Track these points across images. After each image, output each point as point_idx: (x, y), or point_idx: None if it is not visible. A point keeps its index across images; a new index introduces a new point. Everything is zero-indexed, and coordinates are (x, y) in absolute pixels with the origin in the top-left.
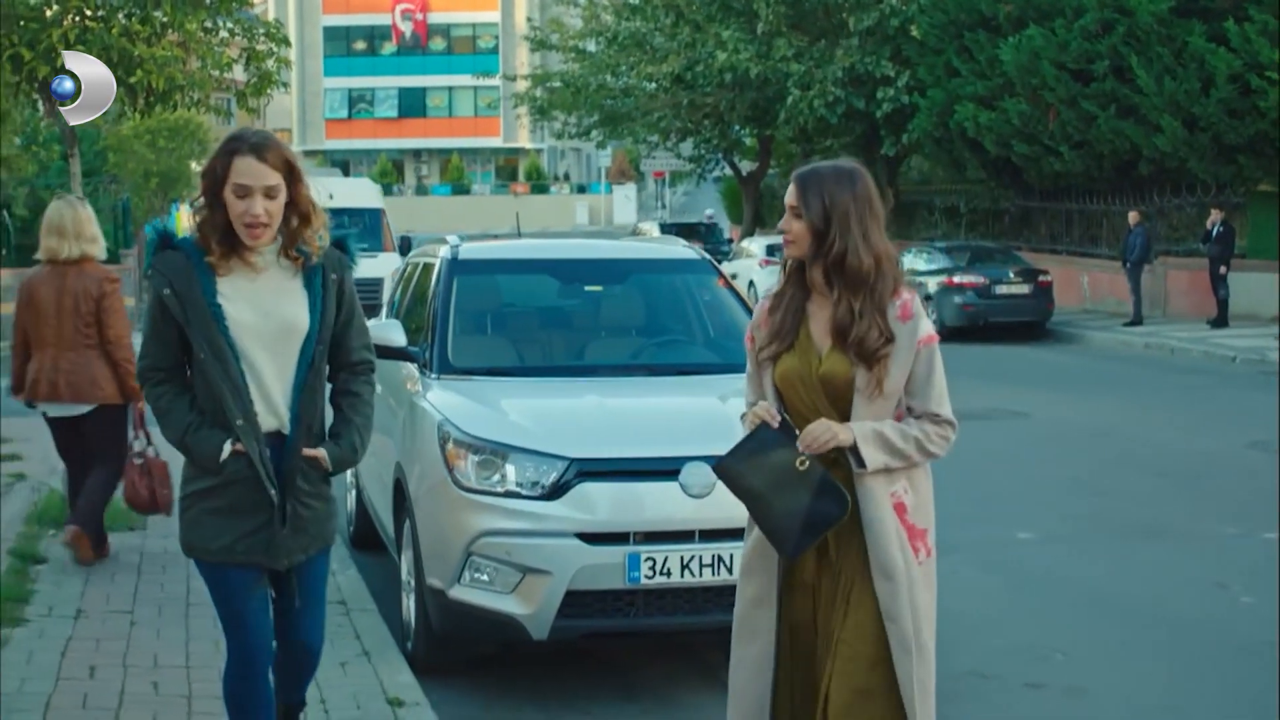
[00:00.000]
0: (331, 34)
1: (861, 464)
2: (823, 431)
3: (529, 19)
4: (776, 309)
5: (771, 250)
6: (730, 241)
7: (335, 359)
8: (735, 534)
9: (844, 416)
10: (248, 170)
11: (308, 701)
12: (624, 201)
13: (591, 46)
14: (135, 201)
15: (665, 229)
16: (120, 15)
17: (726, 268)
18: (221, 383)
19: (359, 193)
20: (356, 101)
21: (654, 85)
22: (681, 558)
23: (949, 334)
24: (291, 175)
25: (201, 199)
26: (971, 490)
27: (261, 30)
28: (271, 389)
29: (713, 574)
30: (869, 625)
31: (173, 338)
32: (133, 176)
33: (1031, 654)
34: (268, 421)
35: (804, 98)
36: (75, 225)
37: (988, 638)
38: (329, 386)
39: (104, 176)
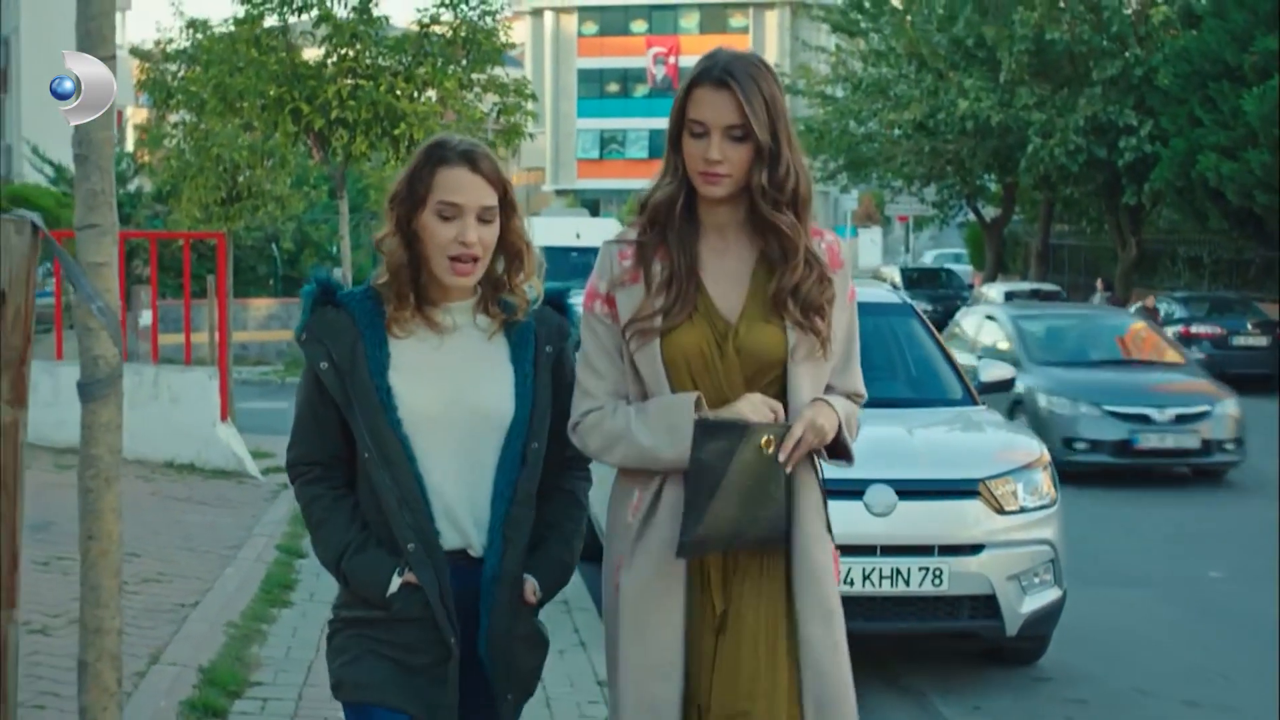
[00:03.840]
0: (585, 76)
1: (848, 457)
2: (811, 437)
3: (776, 64)
4: (649, 259)
5: (1009, 297)
6: (970, 287)
7: (547, 451)
8: (911, 550)
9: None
10: (459, 184)
11: None
12: (870, 245)
13: (838, 92)
14: None
15: (906, 274)
16: (387, 74)
17: (964, 314)
18: (388, 492)
19: (607, 233)
20: (608, 142)
21: (897, 132)
22: (863, 569)
23: None
24: (505, 198)
25: (386, 231)
26: (1164, 527)
27: (511, 86)
28: (457, 500)
29: (890, 585)
30: (790, 687)
31: (332, 423)
32: None
33: (1195, 676)
34: (450, 538)
35: (1045, 146)
36: None
37: (1155, 660)
38: None
39: (365, 213)
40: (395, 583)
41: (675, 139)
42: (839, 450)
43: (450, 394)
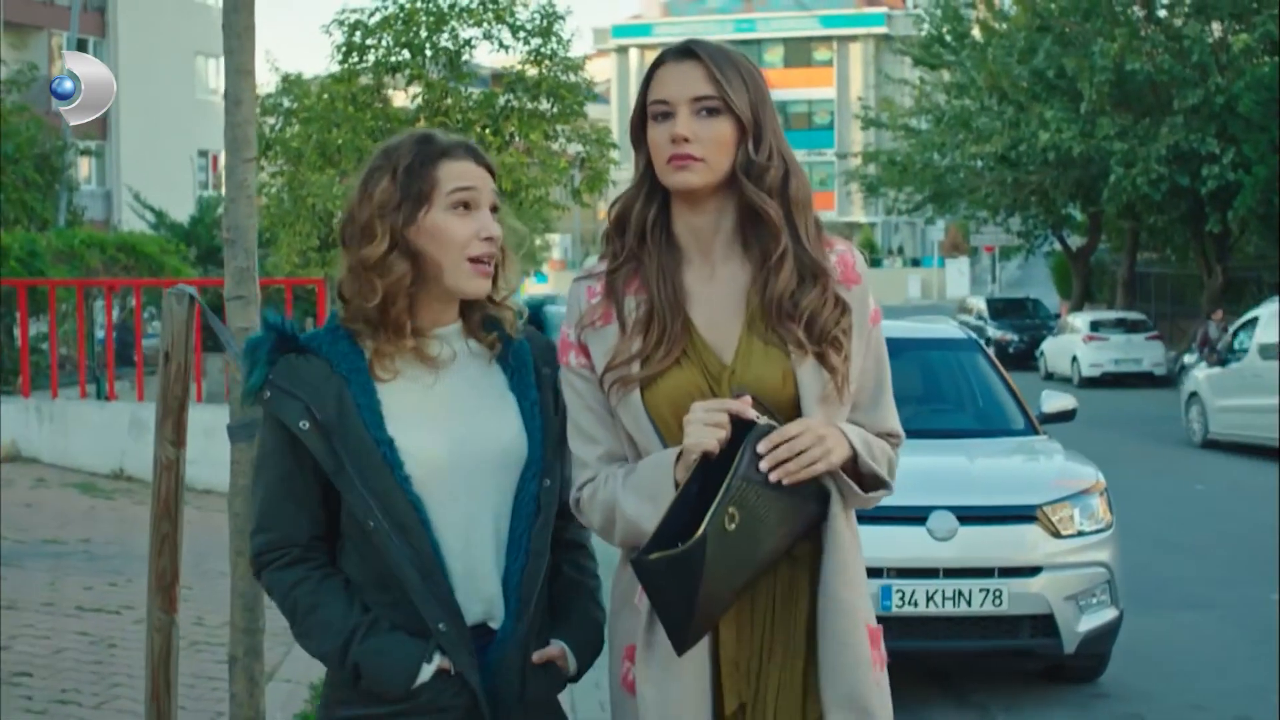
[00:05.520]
0: None
1: (882, 486)
2: (811, 442)
3: (859, 98)
4: (619, 294)
5: (1095, 325)
6: (1056, 317)
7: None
8: (973, 572)
9: None
10: (469, 172)
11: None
12: (957, 276)
13: (922, 125)
14: None
15: (991, 304)
16: (477, 127)
17: (1050, 343)
18: (408, 566)
19: None
20: None
21: (980, 163)
22: (927, 591)
23: None
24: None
25: (377, 250)
26: (1239, 550)
27: (594, 136)
28: (477, 562)
29: (953, 606)
30: None
31: (313, 496)
32: None
33: (1250, 694)
34: (472, 612)
35: (1127, 175)
36: None
37: (1212, 679)
38: None
39: None
40: (427, 671)
41: (639, 135)
42: (869, 482)
43: (457, 438)
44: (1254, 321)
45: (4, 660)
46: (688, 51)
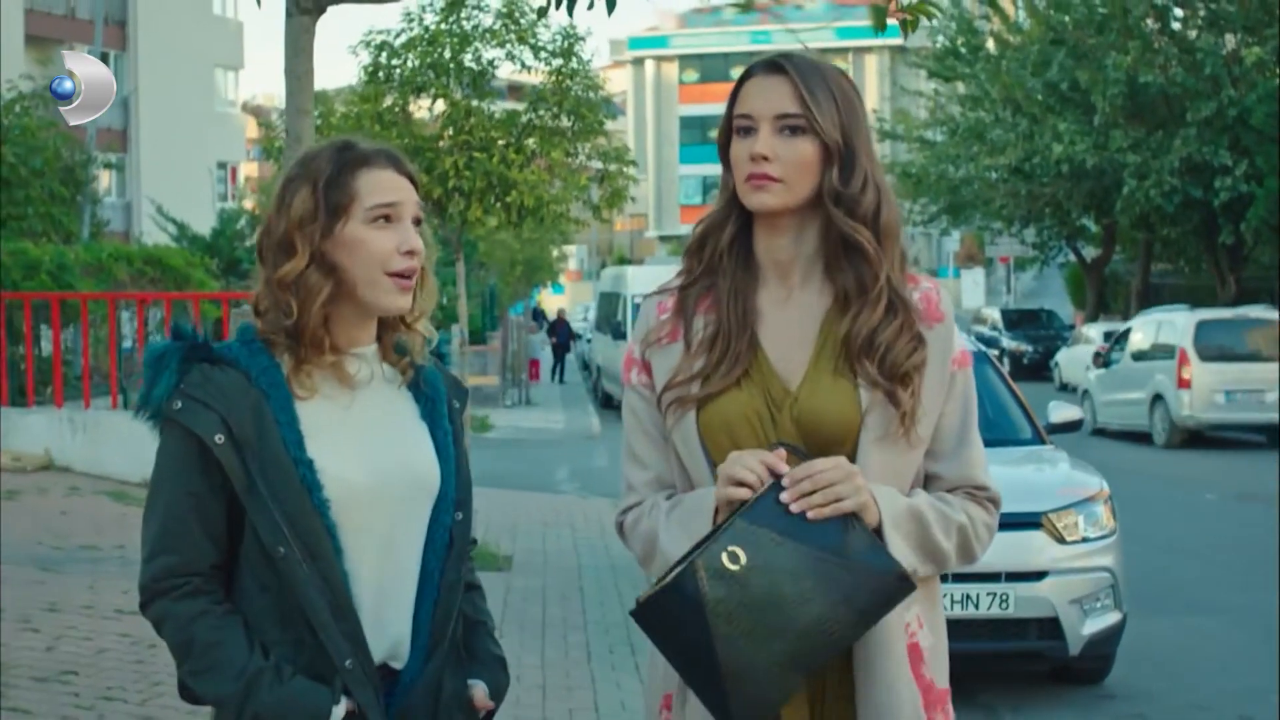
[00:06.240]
0: (688, 123)
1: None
2: (840, 476)
3: (874, 110)
4: (689, 312)
5: (1108, 336)
6: (1071, 328)
7: None
8: (980, 577)
9: None
10: (390, 183)
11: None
12: (972, 286)
13: (937, 136)
14: (500, 286)
15: (1006, 315)
16: (499, 145)
17: (1064, 354)
18: (318, 597)
19: None
20: (711, 188)
21: (994, 175)
22: (951, 595)
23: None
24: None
25: (295, 265)
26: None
27: (613, 155)
28: (388, 597)
29: (961, 609)
30: None
31: (219, 519)
32: (499, 264)
33: (1252, 696)
34: (378, 651)
35: (1140, 187)
36: None
37: (1218, 680)
38: None
39: (474, 265)
40: (337, 713)
41: (726, 149)
42: (933, 557)
43: (376, 463)
44: (1129, 331)
45: (50, 660)
46: (776, 66)
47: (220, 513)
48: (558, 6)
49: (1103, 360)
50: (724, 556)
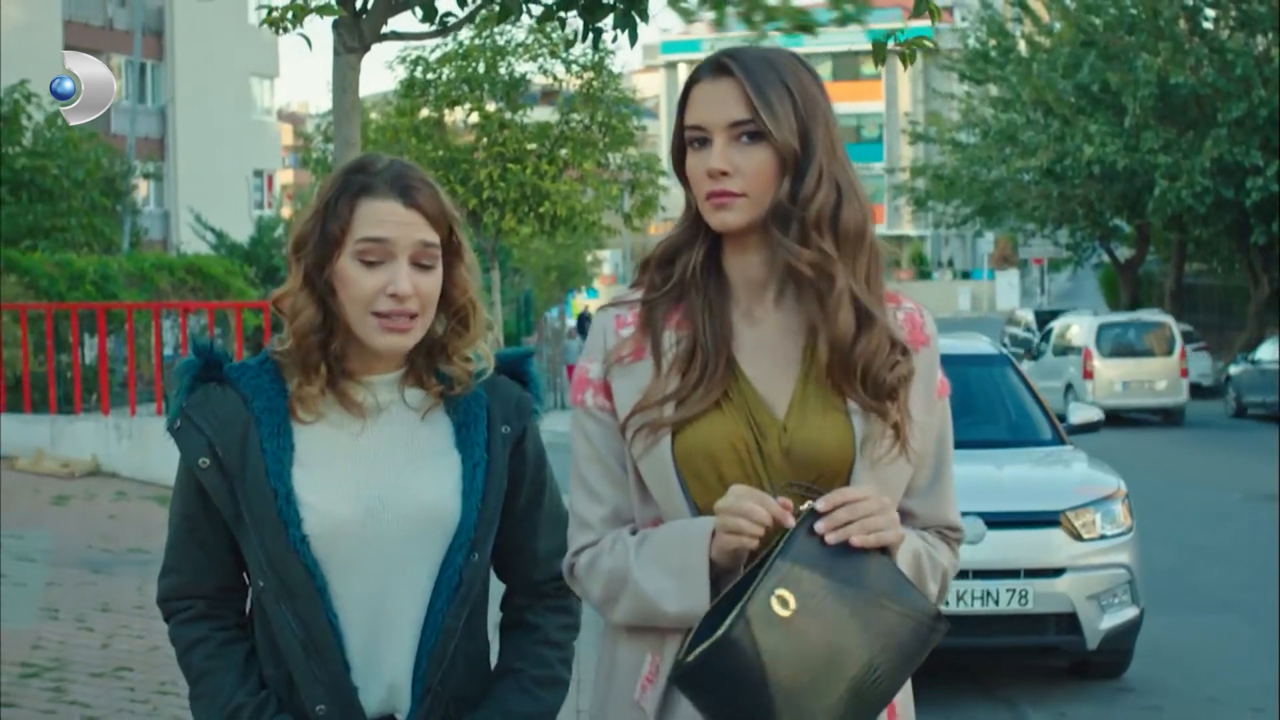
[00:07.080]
0: None
1: None
2: (876, 507)
3: (906, 113)
4: (658, 327)
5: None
6: None
7: (509, 571)
8: (1000, 573)
9: None
10: (388, 216)
11: None
12: (1007, 287)
13: (969, 138)
14: (535, 293)
15: (1040, 316)
16: (532, 157)
17: None
18: (290, 636)
19: None
20: None
21: (1026, 177)
22: (957, 591)
23: None
24: (452, 241)
25: (288, 288)
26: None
27: (644, 165)
28: (384, 643)
29: (982, 605)
30: None
31: (220, 542)
32: (534, 270)
33: (1267, 690)
34: (372, 698)
35: (1172, 188)
36: None
37: (1235, 676)
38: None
39: (509, 271)
40: None
41: (680, 163)
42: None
43: (376, 496)
44: (1051, 329)
45: (106, 657)
46: (723, 67)
47: (221, 536)
48: (583, 40)
49: (1032, 354)
50: (774, 602)
